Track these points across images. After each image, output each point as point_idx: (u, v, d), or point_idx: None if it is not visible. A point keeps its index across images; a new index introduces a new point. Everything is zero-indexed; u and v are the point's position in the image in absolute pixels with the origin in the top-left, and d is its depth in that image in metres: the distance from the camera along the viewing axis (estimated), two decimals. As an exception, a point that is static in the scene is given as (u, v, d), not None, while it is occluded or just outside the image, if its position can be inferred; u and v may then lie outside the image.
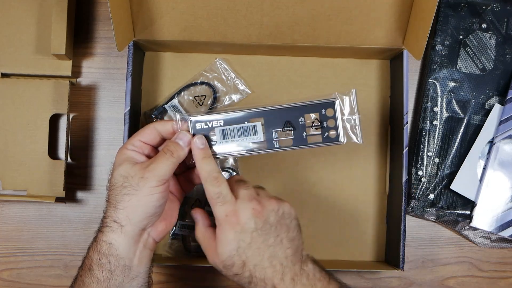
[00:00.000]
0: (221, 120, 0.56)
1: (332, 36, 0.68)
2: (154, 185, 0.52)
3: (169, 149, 0.54)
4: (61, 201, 0.72)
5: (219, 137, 0.56)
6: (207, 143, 0.56)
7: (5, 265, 0.73)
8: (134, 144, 0.55)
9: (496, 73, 0.73)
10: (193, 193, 0.72)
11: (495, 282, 0.75)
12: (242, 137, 0.56)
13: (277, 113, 0.55)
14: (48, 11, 0.71)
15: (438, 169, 0.72)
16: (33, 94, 0.71)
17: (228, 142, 0.56)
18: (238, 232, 0.52)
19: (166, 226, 0.57)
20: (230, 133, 0.56)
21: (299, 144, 0.56)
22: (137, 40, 0.68)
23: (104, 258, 0.52)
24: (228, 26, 0.67)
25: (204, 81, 0.73)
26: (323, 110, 0.55)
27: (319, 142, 0.55)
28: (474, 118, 0.73)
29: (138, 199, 0.52)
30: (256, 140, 0.56)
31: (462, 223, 0.73)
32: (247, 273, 0.52)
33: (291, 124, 0.55)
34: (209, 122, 0.56)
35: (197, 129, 0.56)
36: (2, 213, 0.74)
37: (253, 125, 0.56)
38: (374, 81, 0.74)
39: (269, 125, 0.56)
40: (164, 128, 0.56)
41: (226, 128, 0.56)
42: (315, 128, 0.55)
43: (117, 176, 0.53)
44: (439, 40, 0.73)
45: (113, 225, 0.52)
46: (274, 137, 0.56)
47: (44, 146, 0.70)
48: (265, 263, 0.52)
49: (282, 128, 0.55)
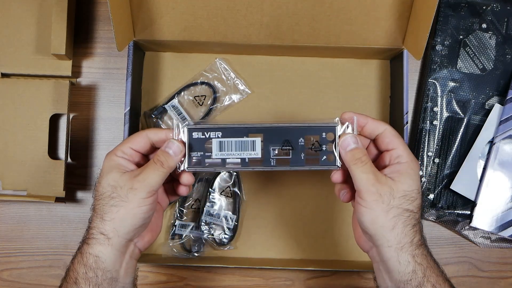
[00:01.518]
0: (219, 131, 0.54)
1: (332, 36, 0.68)
2: (143, 196, 0.50)
3: (159, 159, 0.52)
4: (61, 201, 0.72)
5: (216, 149, 0.54)
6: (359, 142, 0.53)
7: (5, 265, 0.73)
8: (124, 151, 0.53)
9: (496, 73, 0.73)
10: (193, 193, 0.72)
11: (495, 282, 0.75)
12: (240, 151, 0.54)
13: (277, 131, 0.54)
14: (48, 11, 0.71)
15: (438, 169, 0.72)
16: (33, 94, 0.71)
17: (224, 155, 0.54)
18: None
19: (152, 235, 0.56)
20: (227, 146, 0.54)
21: (296, 164, 0.55)
22: (137, 40, 0.68)
23: (90, 271, 0.50)
24: (228, 26, 0.67)
25: (204, 81, 0.73)
26: (324, 133, 0.54)
27: (316, 165, 0.55)
28: (474, 118, 0.73)
29: (126, 211, 0.50)
30: (253, 156, 0.55)
31: (462, 223, 0.73)
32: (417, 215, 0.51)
33: (290, 143, 0.54)
34: (207, 132, 0.54)
35: (193, 138, 0.54)
36: (2, 213, 0.74)
37: (252, 141, 0.54)
38: (374, 81, 0.74)
39: (268, 142, 0.54)
40: (156, 136, 0.54)
41: (224, 140, 0.54)
42: (314, 151, 0.54)
43: (105, 185, 0.51)
44: (439, 40, 0.73)
45: (99, 237, 0.51)
46: (272, 155, 0.55)
47: (44, 146, 0.70)
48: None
49: (281, 147, 0.54)
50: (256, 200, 0.73)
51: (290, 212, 0.73)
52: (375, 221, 0.50)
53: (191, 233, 0.71)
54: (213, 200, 0.71)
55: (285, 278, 0.74)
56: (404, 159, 0.51)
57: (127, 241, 0.52)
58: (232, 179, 0.72)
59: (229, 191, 0.72)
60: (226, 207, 0.72)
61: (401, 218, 0.50)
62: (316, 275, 0.74)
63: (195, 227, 0.71)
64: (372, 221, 0.50)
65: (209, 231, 0.71)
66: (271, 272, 0.74)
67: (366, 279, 0.74)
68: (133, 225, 0.51)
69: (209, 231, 0.71)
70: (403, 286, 0.50)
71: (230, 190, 0.72)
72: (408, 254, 0.50)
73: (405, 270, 0.49)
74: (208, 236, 0.71)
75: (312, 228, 0.73)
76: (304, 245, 0.73)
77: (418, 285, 0.49)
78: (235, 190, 0.72)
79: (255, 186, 0.73)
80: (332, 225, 0.73)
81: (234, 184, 0.72)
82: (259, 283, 0.74)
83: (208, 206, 0.71)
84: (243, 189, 0.72)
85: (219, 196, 0.72)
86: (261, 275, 0.74)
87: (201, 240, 0.71)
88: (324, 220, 0.73)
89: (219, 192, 0.72)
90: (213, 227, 0.71)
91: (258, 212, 0.73)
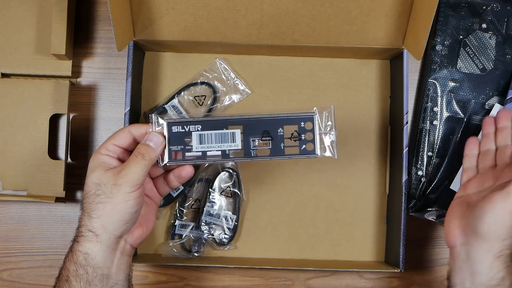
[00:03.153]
0: (198, 124, 0.55)
1: (332, 36, 0.68)
2: (128, 191, 0.50)
3: (139, 151, 0.52)
4: (61, 201, 0.72)
5: (196, 142, 0.55)
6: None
7: (5, 265, 0.73)
8: (108, 148, 0.53)
9: (496, 73, 0.73)
10: (193, 193, 0.72)
11: (495, 282, 0.74)
12: (220, 143, 0.55)
13: (257, 122, 0.55)
14: (48, 11, 0.71)
15: (438, 169, 0.72)
16: (33, 94, 0.71)
17: (205, 147, 0.55)
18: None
19: (144, 231, 0.56)
20: (207, 139, 0.55)
21: (276, 154, 0.55)
22: (137, 40, 0.68)
23: (81, 268, 0.50)
24: (228, 26, 0.67)
25: (204, 81, 0.73)
26: (302, 123, 0.55)
27: (296, 154, 0.55)
28: (474, 118, 0.73)
29: (112, 207, 0.50)
30: (233, 147, 0.55)
31: (462, 223, 0.73)
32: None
33: (269, 134, 0.55)
34: (186, 125, 0.55)
35: (173, 132, 0.55)
36: (2, 213, 0.74)
37: (232, 132, 0.55)
38: (374, 81, 0.74)
39: (248, 134, 0.55)
40: (138, 131, 0.54)
41: (204, 133, 0.55)
42: (293, 140, 0.55)
43: (90, 183, 0.52)
44: (439, 40, 0.73)
45: (88, 234, 0.51)
46: (252, 146, 0.55)
47: (44, 146, 0.70)
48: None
49: (261, 138, 0.55)
50: (256, 200, 0.73)
51: (290, 212, 0.73)
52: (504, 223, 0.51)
53: (191, 233, 0.71)
54: (213, 200, 0.71)
55: (285, 278, 0.74)
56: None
57: (116, 237, 0.52)
58: (232, 179, 0.72)
59: (229, 191, 0.72)
60: (226, 207, 0.72)
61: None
62: (316, 275, 0.74)
63: (195, 227, 0.71)
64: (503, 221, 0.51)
65: (209, 231, 0.71)
66: (271, 272, 0.74)
67: (366, 279, 0.74)
68: (120, 221, 0.51)
69: (209, 231, 0.71)
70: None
71: (230, 190, 0.72)
72: (502, 262, 0.51)
73: (495, 276, 0.51)
74: (208, 236, 0.71)
75: (312, 228, 0.73)
76: (304, 245, 0.73)
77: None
78: (235, 190, 0.72)
79: (255, 186, 0.73)
80: (332, 225, 0.73)
81: (234, 184, 0.72)
82: (259, 283, 0.74)
83: (208, 206, 0.71)
84: (243, 189, 0.72)
85: (219, 196, 0.72)
86: (261, 275, 0.74)
87: (201, 240, 0.71)
88: (324, 220, 0.73)
89: (219, 192, 0.72)
90: (213, 227, 0.71)
91: (258, 212, 0.73)
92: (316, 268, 0.72)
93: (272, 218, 0.73)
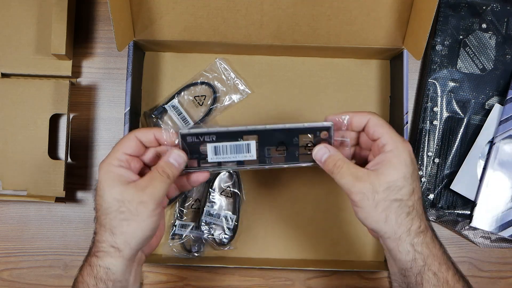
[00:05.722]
0: (213, 135, 0.54)
1: (332, 36, 0.68)
2: (153, 208, 0.50)
3: (165, 171, 0.52)
4: (61, 201, 0.72)
5: (211, 153, 0.54)
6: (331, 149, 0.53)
7: (5, 265, 0.73)
8: (120, 158, 0.52)
9: (496, 73, 0.73)
10: (193, 193, 0.72)
11: (495, 282, 0.75)
12: (235, 154, 0.55)
13: (272, 133, 0.54)
14: (48, 11, 0.71)
15: (438, 169, 0.72)
16: (33, 94, 0.71)
17: (220, 158, 0.55)
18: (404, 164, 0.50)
19: (157, 240, 0.57)
20: (222, 150, 0.54)
21: (290, 161, 0.55)
22: (137, 40, 0.68)
23: (101, 283, 0.50)
24: (228, 26, 0.67)
25: (204, 81, 0.73)
26: (318, 132, 0.54)
27: (310, 161, 0.55)
28: (474, 118, 0.73)
29: (137, 224, 0.50)
30: (248, 158, 0.55)
31: (462, 223, 0.73)
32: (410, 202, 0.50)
33: (284, 144, 0.55)
34: (201, 136, 0.54)
35: (188, 143, 0.54)
36: (2, 213, 0.74)
37: (247, 144, 0.54)
38: (374, 81, 0.74)
39: (263, 144, 0.54)
40: (146, 137, 0.54)
41: (219, 144, 0.54)
42: (308, 149, 0.55)
43: (110, 199, 0.50)
44: (439, 40, 0.73)
45: (110, 250, 0.50)
46: (267, 154, 0.55)
47: (44, 146, 0.70)
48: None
49: (276, 147, 0.55)
50: (256, 200, 0.73)
51: (290, 212, 0.73)
52: (367, 217, 0.51)
53: (191, 233, 0.71)
54: (213, 200, 0.71)
55: (285, 278, 0.74)
56: (388, 147, 0.51)
57: (137, 251, 0.52)
58: (232, 179, 0.72)
59: (229, 191, 0.72)
60: (226, 207, 0.72)
61: (391, 209, 0.50)
62: (316, 275, 0.74)
63: (195, 227, 0.71)
64: (365, 217, 0.51)
65: (209, 231, 0.71)
66: (271, 272, 0.74)
67: (366, 279, 0.74)
68: (144, 237, 0.51)
69: (209, 231, 0.71)
70: (405, 273, 0.51)
71: (230, 190, 0.72)
72: (407, 243, 0.50)
73: (405, 259, 0.50)
74: (208, 236, 0.71)
75: (312, 228, 0.73)
76: (304, 245, 0.73)
77: (418, 273, 0.50)
78: (235, 190, 0.72)
79: (255, 186, 0.73)
80: (332, 225, 0.73)
81: (234, 184, 0.72)
82: (259, 283, 0.74)
83: (208, 206, 0.71)
84: (243, 189, 0.72)
85: (219, 196, 0.72)
86: (261, 275, 0.74)
87: (201, 240, 0.71)
88: (324, 220, 0.73)
89: (219, 192, 0.72)
90: (213, 227, 0.71)
91: (258, 212, 0.73)
92: (316, 268, 0.72)
93: (272, 218, 0.73)
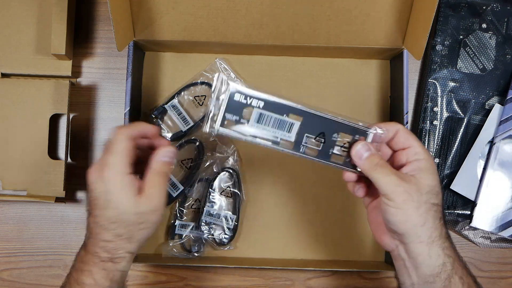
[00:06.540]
0: (262, 101, 0.51)
1: (332, 36, 0.68)
2: (162, 213, 0.53)
3: (163, 170, 0.53)
4: (61, 201, 0.72)
5: (254, 119, 0.52)
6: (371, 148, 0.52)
7: (5, 265, 0.73)
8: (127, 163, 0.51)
9: (496, 73, 0.73)
10: (193, 193, 0.72)
11: (495, 282, 0.75)
12: (276, 129, 0.52)
13: (318, 119, 0.52)
14: (48, 11, 0.71)
15: (438, 169, 0.72)
16: (33, 94, 0.71)
17: (260, 127, 0.52)
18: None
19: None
20: (266, 120, 0.52)
21: (321, 158, 0.54)
22: (137, 40, 0.68)
23: (115, 285, 0.53)
24: (228, 26, 0.67)
25: (204, 81, 0.73)
26: (357, 135, 0.53)
27: (339, 164, 0.54)
28: (474, 118, 0.73)
29: (151, 230, 0.53)
30: (286, 137, 0.53)
31: (462, 223, 0.73)
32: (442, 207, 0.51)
33: (324, 136, 0.53)
34: (250, 98, 0.51)
35: (234, 100, 0.51)
36: (2, 213, 0.74)
37: (291, 123, 0.52)
38: (374, 81, 0.74)
39: (305, 128, 0.53)
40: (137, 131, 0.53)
41: (265, 113, 0.52)
42: (342, 150, 0.54)
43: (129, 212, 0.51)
44: (439, 40, 0.73)
45: (127, 255, 0.53)
46: (303, 142, 0.53)
47: (44, 146, 0.70)
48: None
49: (315, 137, 0.53)
50: (256, 200, 0.73)
51: (290, 212, 0.73)
52: (407, 220, 0.50)
53: (191, 233, 0.71)
54: (213, 200, 0.71)
55: (285, 278, 0.74)
56: (422, 155, 0.52)
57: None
58: (232, 179, 0.72)
59: (229, 191, 0.72)
60: (226, 207, 0.72)
61: (430, 213, 0.50)
62: (316, 275, 0.74)
63: (195, 227, 0.71)
64: (404, 220, 0.50)
65: (209, 231, 0.71)
66: (271, 272, 0.74)
67: (366, 279, 0.74)
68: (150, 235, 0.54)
69: (209, 231, 0.71)
70: (432, 280, 0.50)
71: (230, 190, 0.72)
72: (438, 247, 0.50)
73: (435, 263, 0.50)
74: (208, 236, 0.71)
75: (312, 228, 0.73)
76: (304, 245, 0.73)
77: (447, 277, 0.50)
78: (235, 190, 0.72)
79: (255, 186, 0.73)
80: (332, 225, 0.73)
81: (234, 184, 0.72)
82: (259, 283, 0.74)
83: (208, 206, 0.71)
84: (243, 189, 0.72)
85: (219, 196, 0.72)
86: (261, 275, 0.74)
87: (201, 240, 0.71)
88: (324, 220, 0.73)
89: (219, 192, 0.72)
90: (213, 227, 0.71)
91: (258, 212, 0.73)
92: (316, 268, 0.72)
93: (272, 218, 0.73)
